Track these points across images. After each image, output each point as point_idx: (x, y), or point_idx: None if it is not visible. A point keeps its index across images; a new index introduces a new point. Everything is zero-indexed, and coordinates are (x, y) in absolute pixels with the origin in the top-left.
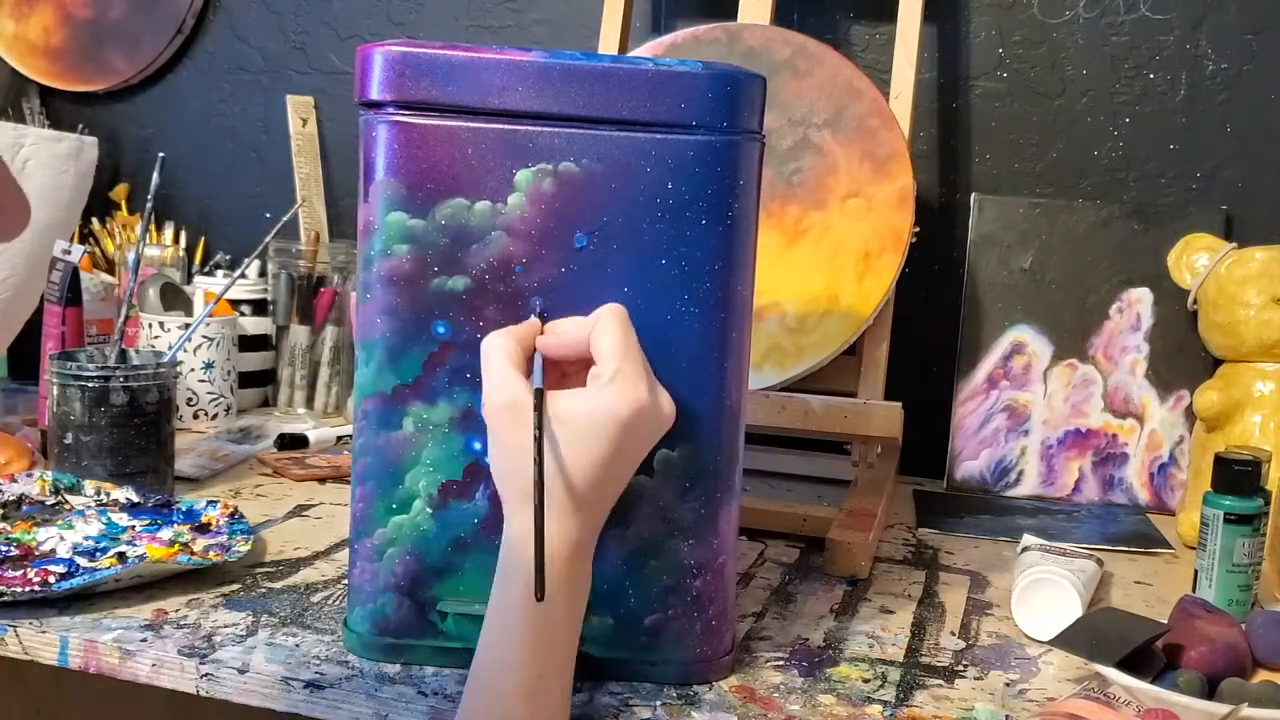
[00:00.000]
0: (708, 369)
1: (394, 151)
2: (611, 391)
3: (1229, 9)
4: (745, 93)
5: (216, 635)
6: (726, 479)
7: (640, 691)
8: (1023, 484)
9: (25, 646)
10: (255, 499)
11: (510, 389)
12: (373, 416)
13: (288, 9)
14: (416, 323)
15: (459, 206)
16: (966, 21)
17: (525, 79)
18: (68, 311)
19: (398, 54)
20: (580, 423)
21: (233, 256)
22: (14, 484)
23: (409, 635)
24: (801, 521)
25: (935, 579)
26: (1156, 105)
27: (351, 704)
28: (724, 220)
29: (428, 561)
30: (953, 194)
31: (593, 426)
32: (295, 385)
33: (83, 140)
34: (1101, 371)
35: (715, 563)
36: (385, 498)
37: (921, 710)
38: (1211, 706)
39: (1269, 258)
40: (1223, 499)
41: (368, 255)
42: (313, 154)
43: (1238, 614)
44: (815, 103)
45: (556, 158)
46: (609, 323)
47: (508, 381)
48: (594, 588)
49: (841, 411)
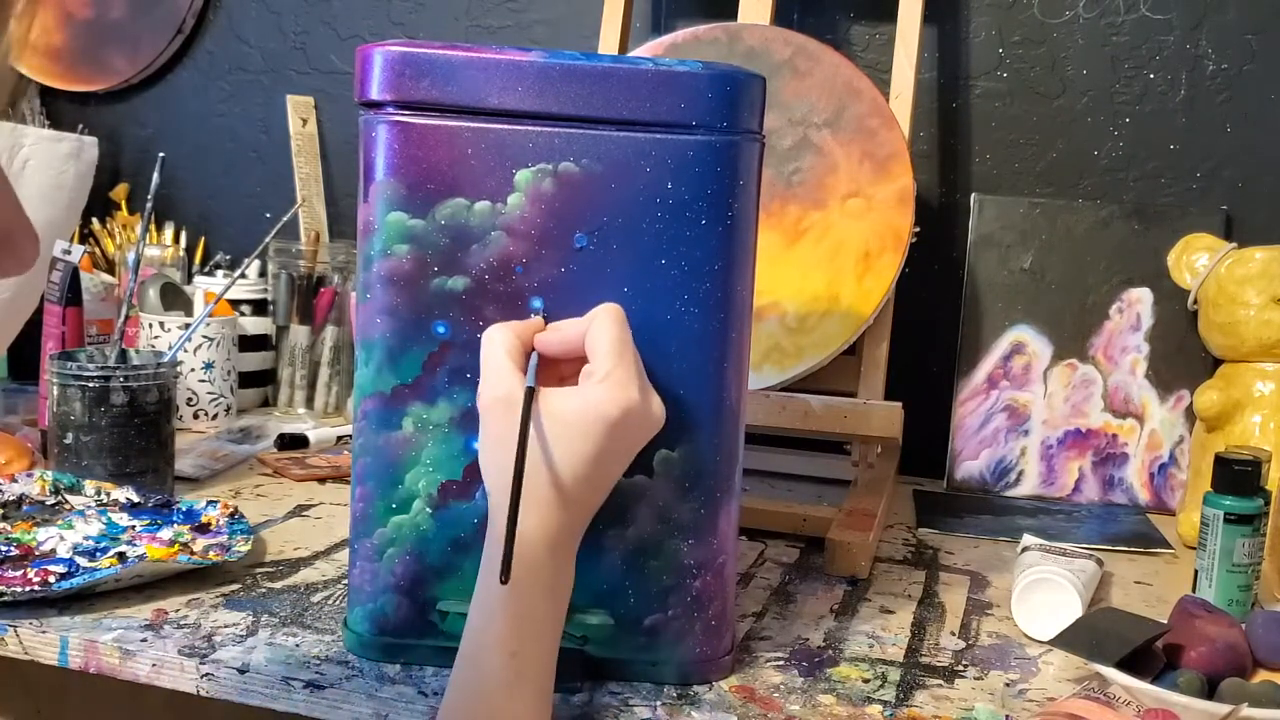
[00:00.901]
0: (708, 369)
1: (394, 151)
2: (602, 391)
3: (1229, 9)
4: (745, 93)
5: (216, 635)
6: (726, 479)
7: (640, 691)
8: (1023, 484)
9: (25, 646)
10: (255, 499)
11: (505, 383)
12: (373, 416)
13: (288, 9)
14: (416, 323)
15: (459, 206)
16: (966, 21)
17: (525, 79)
18: (68, 311)
19: (398, 54)
20: (569, 420)
21: (233, 256)
22: (14, 484)
23: (409, 635)
24: (801, 521)
25: (935, 579)
26: (1156, 105)
27: (351, 704)
28: (724, 220)
29: (427, 561)
30: (953, 194)
31: (581, 424)
32: (295, 385)
33: (83, 140)
34: (1101, 371)
35: (715, 562)
36: (385, 498)
37: (921, 710)
38: (1211, 706)
39: (1269, 258)
40: (1223, 499)
41: (368, 255)
42: (313, 154)
43: (1238, 614)
44: (815, 103)
45: (556, 158)
46: (605, 322)
47: (503, 376)
48: (594, 587)
49: (841, 411)
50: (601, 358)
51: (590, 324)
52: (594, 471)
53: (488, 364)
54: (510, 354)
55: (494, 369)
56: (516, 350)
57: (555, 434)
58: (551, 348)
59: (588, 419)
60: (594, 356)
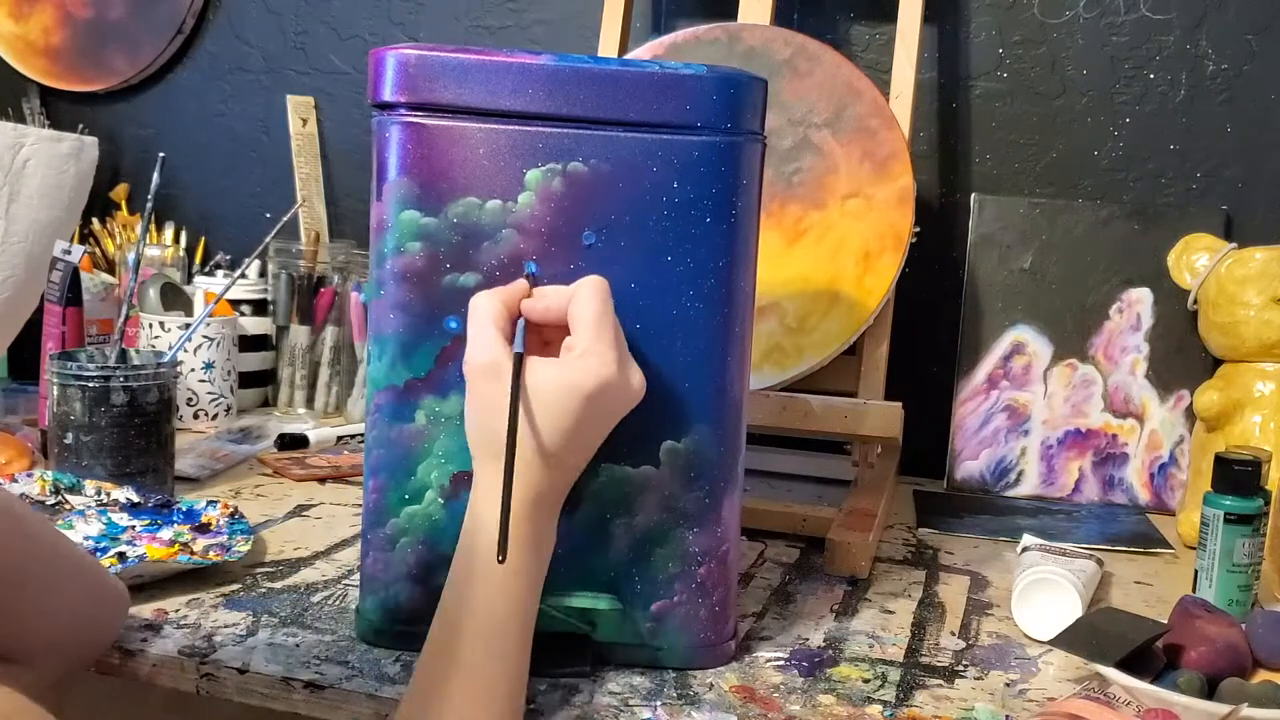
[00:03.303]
0: (712, 362)
1: (407, 152)
2: (580, 365)
3: (1229, 9)
4: (748, 95)
5: (216, 635)
6: (730, 469)
7: (640, 691)
8: (1023, 484)
9: None
10: (255, 499)
11: (491, 349)
12: (385, 410)
13: (288, 9)
14: (429, 318)
15: (470, 205)
16: (966, 21)
17: (535, 81)
18: (68, 311)
19: (410, 57)
20: (549, 392)
21: (233, 256)
22: (14, 484)
23: (421, 623)
24: (801, 521)
25: (935, 579)
26: (1156, 105)
27: (351, 704)
28: (727, 218)
29: (439, 551)
30: (953, 194)
31: (560, 397)
32: (295, 385)
33: (83, 140)
34: (1101, 371)
35: (719, 550)
36: (398, 489)
37: (921, 710)
38: (1211, 706)
39: (1269, 258)
40: (1223, 499)
41: (381, 252)
42: (313, 154)
43: (1238, 614)
44: (815, 103)
45: (565, 158)
46: (587, 295)
47: (489, 342)
48: (601, 574)
49: (841, 411)
50: (582, 331)
51: (573, 295)
52: (573, 440)
53: (474, 330)
54: (496, 321)
55: (480, 335)
56: (503, 317)
57: (536, 404)
58: (536, 315)
59: (566, 392)
60: (575, 329)
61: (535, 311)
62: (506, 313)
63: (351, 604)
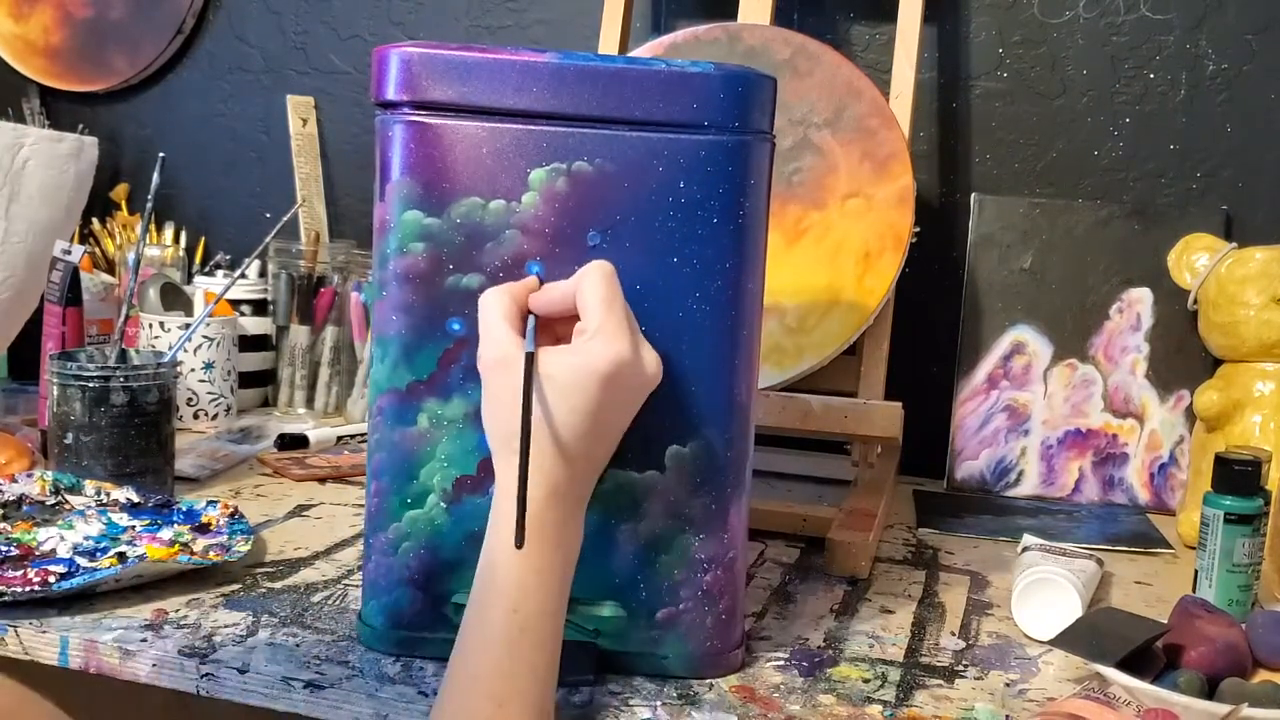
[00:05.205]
0: (718, 365)
1: (410, 151)
2: (592, 347)
3: (1229, 9)
4: (756, 93)
5: (216, 635)
6: (737, 474)
7: (641, 691)
8: (1023, 484)
9: (25, 646)
10: (255, 499)
11: (503, 345)
12: (388, 412)
13: (288, 9)
14: (432, 320)
15: (474, 205)
16: (966, 21)
17: (539, 80)
18: (68, 311)
19: (414, 55)
20: (563, 377)
21: (233, 256)
22: (14, 484)
23: (423, 628)
24: (801, 521)
25: (935, 579)
26: (1156, 105)
27: (351, 704)
28: (735, 219)
29: (442, 556)
30: (953, 194)
31: (575, 381)
32: (295, 385)
33: (83, 140)
34: (1101, 371)
35: (726, 557)
36: (400, 493)
37: (921, 710)
38: (1212, 706)
39: (1269, 258)
40: (1223, 499)
41: (383, 253)
42: (313, 154)
43: (1238, 614)
44: (815, 103)
45: (570, 157)
46: (593, 279)
47: (501, 337)
48: (606, 581)
49: (841, 411)
50: (591, 314)
51: (579, 281)
52: (593, 426)
53: (486, 327)
54: (507, 316)
55: (492, 330)
56: (513, 313)
57: (552, 392)
58: (544, 307)
59: (580, 375)
60: (584, 313)
61: (543, 305)
62: (516, 308)
63: (351, 604)
